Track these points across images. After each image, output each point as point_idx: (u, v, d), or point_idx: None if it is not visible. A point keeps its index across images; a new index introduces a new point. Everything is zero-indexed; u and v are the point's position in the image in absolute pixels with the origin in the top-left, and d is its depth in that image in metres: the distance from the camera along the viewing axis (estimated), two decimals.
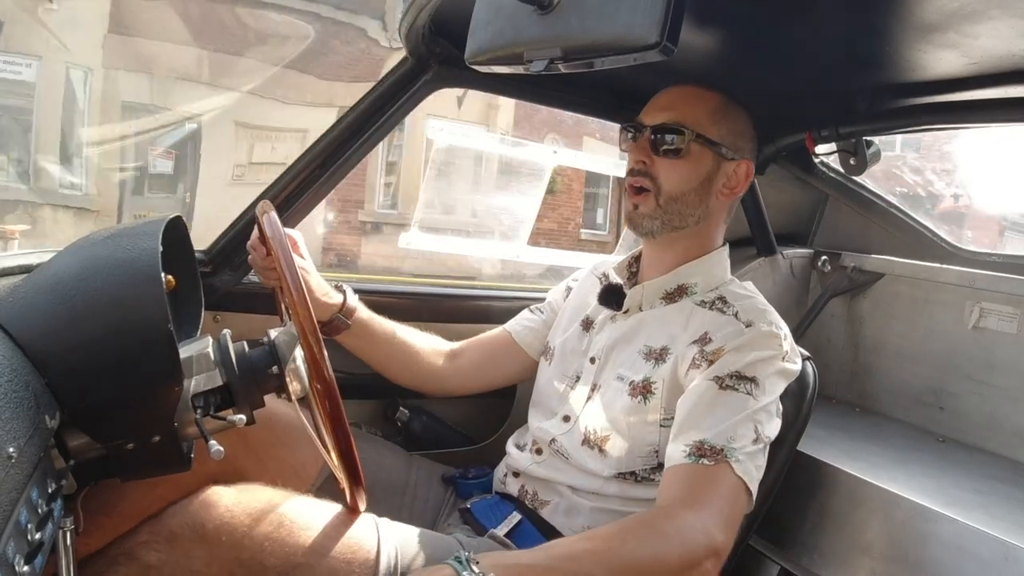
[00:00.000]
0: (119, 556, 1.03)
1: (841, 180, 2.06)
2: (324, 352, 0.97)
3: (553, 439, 1.36)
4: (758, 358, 1.21)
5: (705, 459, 1.12)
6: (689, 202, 1.31)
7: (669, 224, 1.31)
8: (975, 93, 1.35)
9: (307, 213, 1.60)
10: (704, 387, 1.19)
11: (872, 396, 2.04)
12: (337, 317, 1.42)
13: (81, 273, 0.91)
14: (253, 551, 1.03)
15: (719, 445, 1.13)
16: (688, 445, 1.14)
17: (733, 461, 1.12)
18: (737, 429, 1.15)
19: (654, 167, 1.30)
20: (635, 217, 1.33)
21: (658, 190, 1.30)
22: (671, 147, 1.28)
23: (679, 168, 1.29)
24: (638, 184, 1.31)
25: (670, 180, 1.30)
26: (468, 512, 1.37)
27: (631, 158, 1.33)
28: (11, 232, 5.14)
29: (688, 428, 1.17)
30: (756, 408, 1.18)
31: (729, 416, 1.16)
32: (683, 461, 1.13)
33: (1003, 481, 1.52)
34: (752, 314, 1.27)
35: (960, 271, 1.88)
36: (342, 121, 1.54)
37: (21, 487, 0.70)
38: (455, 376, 1.56)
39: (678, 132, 1.28)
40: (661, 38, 0.76)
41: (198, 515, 1.04)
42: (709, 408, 1.17)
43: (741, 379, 1.19)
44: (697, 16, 1.15)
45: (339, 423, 0.99)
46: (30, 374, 0.80)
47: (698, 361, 1.23)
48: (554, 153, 2.10)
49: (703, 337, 1.25)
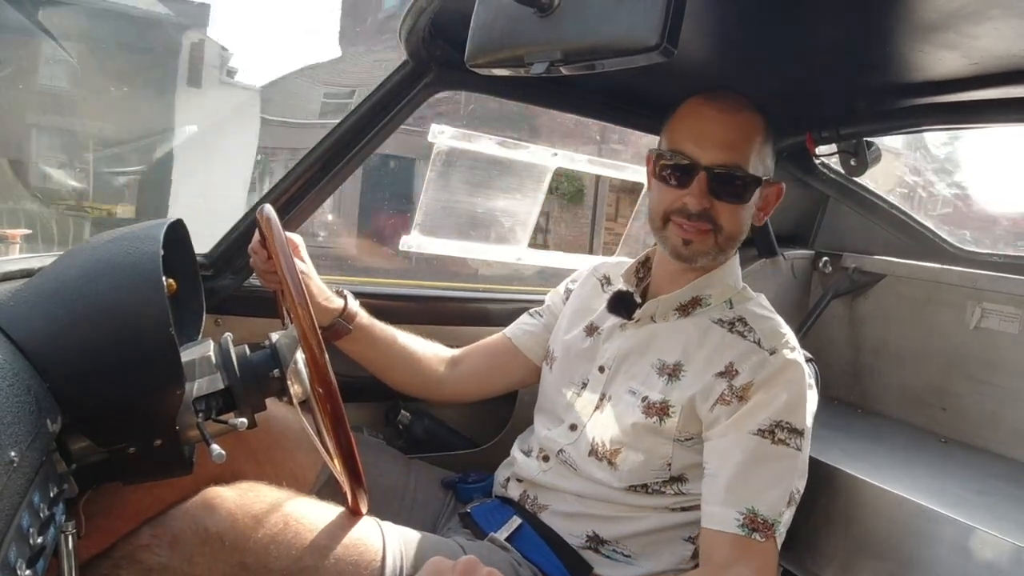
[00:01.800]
0: (121, 559, 1.02)
1: (842, 181, 2.06)
2: (325, 355, 0.97)
3: (561, 449, 1.35)
4: (795, 400, 1.20)
5: (757, 534, 1.13)
6: (742, 237, 1.31)
7: (722, 256, 1.32)
8: (976, 93, 1.35)
9: (308, 217, 1.60)
10: (753, 444, 1.18)
11: (874, 397, 2.04)
12: (338, 322, 1.41)
13: (82, 277, 0.91)
14: (258, 554, 1.02)
15: (771, 519, 1.14)
16: (741, 514, 1.14)
17: (778, 535, 1.15)
18: (783, 497, 1.16)
19: (713, 210, 1.25)
20: (687, 253, 1.28)
21: (718, 230, 1.26)
22: (734, 192, 1.25)
23: (739, 212, 1.27)
24: (696, 226, 1.26)
25: (731, 223, 1.27)
26: (468, 516, 1.37)
27: (691, 200, 1.24)
28: (13, 236, 5.14)
29: (738, 491, 1.16)
30: (801, 468, 1.20)
31: (780, 482, 1.17)
32: (735, 531, 1.14)
33: (1005, 481, 1.51)
34: (773, 339, 1.26)
35: (962, 272, 1.88)
36: (342, 125, 1.53)
37: (23, 491, 0.70)
38: (456, 383, 1.55)
39: (741, 178, 1.24)
40: (661, 40, 0.76)
41: (200, 517, 1.03)
42: (760, 469, 1.17)
43: (792, 433, 1.18)
44: (698, 18, 1.15)
45: (341, 426, 0.99)
46: (32, 378, 0.80)
47: (727, 397, 1.21)
48: (554, 156, 2.09)
49: (728, 369, 1.23)
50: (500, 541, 1.27)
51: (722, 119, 1.25)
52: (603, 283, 1.50)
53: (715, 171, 1.23)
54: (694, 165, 1.24)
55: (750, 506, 1.14)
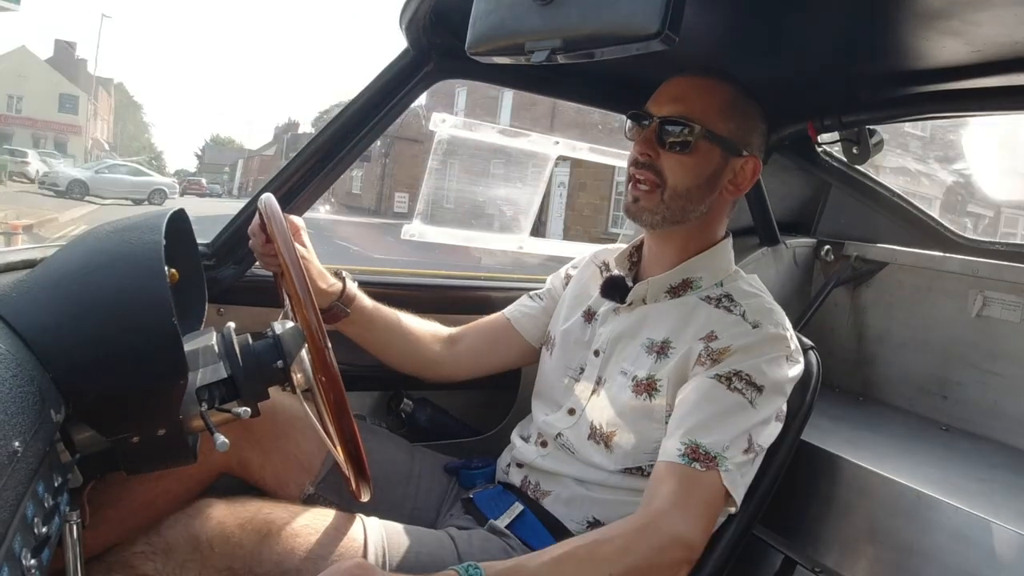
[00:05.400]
0: (116, 565, 1.06)
1: (844, 169, 2.06)
2: (328, 345, 0.97)
3: (559, 433, 1.36)
4: (766, 363, 1.20)
5: (697, 464, 1.12)
6: (693, 198, 1.28)
7: (670, 219, 1.29)
8: (978, 81, 1.34)
9: (309, 206, 1.60)
10: (708, 385, 1.19)
11: (875, 385, 2.04)
12: (336, 305, 1.41)
13: (85, 268, 0.91)
14: (244, 559, 1.07)
15: (713, 453, 1.13)
16: (684, 444, 1.14)
17: (723, 470, 1.12)
18: (733, 438, 1.15)
19: (659, 160, 1.27)
20: (634, 210, 1.31)
21: (663, 185, 1.27)
22: (678, 141, 1.25)
23: (685, 163, 1.26)
24: (642, 177, 1.28)
25: (676, 175, 1.26)
26: (471, 502, 1.38)
27: (636, 148, 1.29)
28: (15, 226, 5.14)
29: (686, 425, 1.16)
30: (756, 421, 1.17)
31: (728, 422, 1.15)
32: (676, 460, 1.13)
33: (1006, 469, 1.52)
34: (759, 314, 1.25)
35: (963, 260, 1.88)
36: (343, 114, 1.53)
37: (27, 481, 0.71)
38: (454, 362, 1.56)
39: (687, 126, 1.24)
40: (662, 27, 0.76)
41: (192, 526, 1.08)
42: (710, 408, 1.17)
43: (748, 385, 1.18)
44: (699, 5, 1.14)
45: (343, 414, 0.99)
46: (35, 369, 0.81)
47: (703, 358, 1.22)
48: (556, 144, 2.09)
49: (709, 335, 1.23)
50: (499, 528, 1.28)
51: (683, 80, 1.30)
52: (602, 269, 1.50)
53: (663, 120, 1.26)
54: (647, 115, 1.29)
55: (693, 438, 1.14)
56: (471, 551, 1.20)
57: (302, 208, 1.58)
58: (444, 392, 1.78)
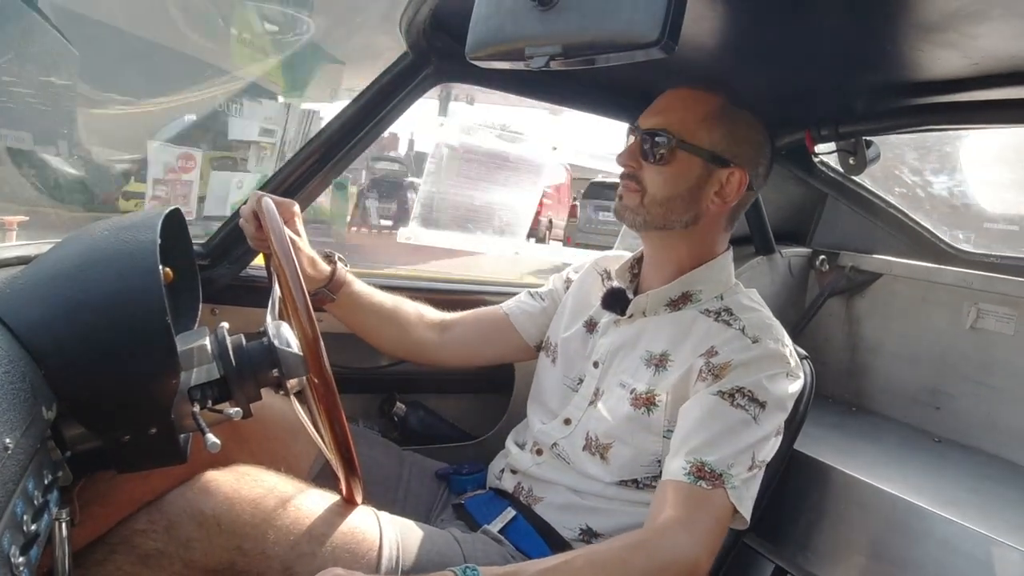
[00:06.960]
0: (117, 544, 1.01)
1: (840, 179, 2.06)
2: (323, 349, 0.97)
3: (555, 443, 1.35)
4: (767, 379, 1.19)
5: (703, 482, 1.12)
6: (675, 208, 1.29)
7: (652, 224, 1.30)
8: (976, 94, 1.35)
9: (308, 204, 1.60)
10: (712, 402, 1.18)
11: (869, 396, 2.05)
12: (322, 291, 1.41)
13: (79, 265, 0.91)
14: (256, 539, 1.02)
15: (719, 471, 1.12)
16: (689, 463, 1.13)
17: (729, 487, 1.12)
18: (737, 455, 1.14)
19: (641, 171, 1.30)
20: (619, 209, 1.34)
21: (643, 192, 1.29)
22: (656, 152, 1.27)
23: (663, 174, 1.28)
24: (627, 184, 1.31)
25: (654, 184, 1.29)
26: (462, 508, 1.37)
27: (620, 159, 1.33)
28: (9, 223, 5.12)
29: (690, 444, 1.16)
30: (759, 437, 1.17)
31: (732, 439, 1.15)
32: (682, 479, 1.13)
33: (998, 481, 1.52)
34: (759, 329, 1.25)
35: (958, 272, 1.89)
36: (343, 115, 1.54)
37: (17, 478, 0.70)
38: (442, 349, 1.55)
39: (663, 138, 1.27)
40: (662, 36, 0.76)
41: (196, 501, 1.03)
42: (714, 425, 1.16)
43: (751, 401, 1.18)
44: (698, 14, 1.15)
45: (336, 416, 0.99)
46: (27, 365, 0.80)
47: (704, 374, 1.21)
48: (554, 149, 2.09)
49: (709, 350, 1.23)
50: (493, 533, 1.27)
51: (671, 93, 1.32)
52: (603, 277, 1.50)
53: (644, 132, 1.29)
54: (635, 128, 1.33)
55: (698, 457, 1.14)
56: (475, 554, 1.20)
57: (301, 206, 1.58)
58: (437, 396, 1.78)
